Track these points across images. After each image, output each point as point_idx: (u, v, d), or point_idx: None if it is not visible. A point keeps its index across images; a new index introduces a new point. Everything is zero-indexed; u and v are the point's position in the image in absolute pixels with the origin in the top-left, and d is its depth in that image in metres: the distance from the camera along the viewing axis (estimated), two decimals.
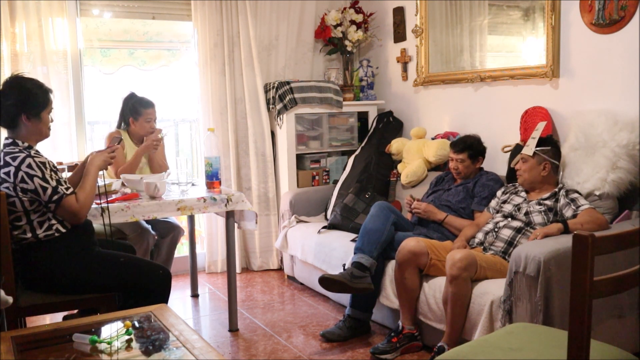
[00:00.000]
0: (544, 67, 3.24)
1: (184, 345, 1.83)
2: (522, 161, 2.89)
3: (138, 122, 3.52)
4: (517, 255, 2.40)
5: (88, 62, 4.18)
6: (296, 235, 3.85)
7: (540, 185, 2.88)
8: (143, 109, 3.52)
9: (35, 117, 2.42)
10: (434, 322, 2.81)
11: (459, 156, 3.23)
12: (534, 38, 3.36)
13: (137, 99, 3.55)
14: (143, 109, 3.52)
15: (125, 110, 3.56)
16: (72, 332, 1.91)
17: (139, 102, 3.53)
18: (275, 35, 4.42)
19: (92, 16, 4.05)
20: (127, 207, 2.80)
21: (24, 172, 2.32)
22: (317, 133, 4.38)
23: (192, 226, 3.88)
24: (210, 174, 3.24)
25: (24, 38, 3.68)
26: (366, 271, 2.92)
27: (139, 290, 2.49)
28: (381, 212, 3.11)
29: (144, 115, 3.52)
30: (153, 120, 3.56)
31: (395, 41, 4.39)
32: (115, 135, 3.42)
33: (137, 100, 3.54)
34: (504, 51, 3.74)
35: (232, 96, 4.30)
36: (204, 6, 4.16)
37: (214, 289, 4.06)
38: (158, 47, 4.59)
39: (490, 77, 3.61)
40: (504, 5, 3.64)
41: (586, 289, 1.40)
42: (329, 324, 3.28)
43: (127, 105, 3.56)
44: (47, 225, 2.41)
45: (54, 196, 2.36)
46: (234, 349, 3.06)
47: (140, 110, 3.52)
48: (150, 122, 3.54)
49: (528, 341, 1.75)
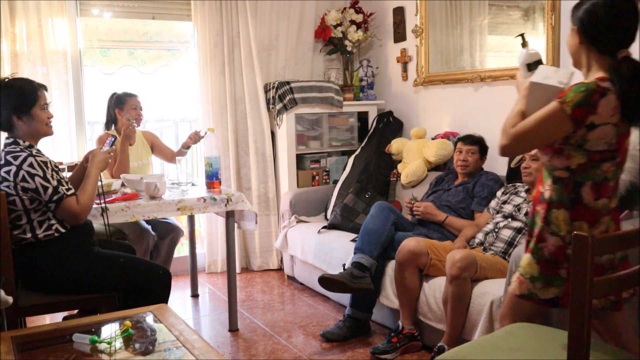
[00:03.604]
0: None
1: (184, 345, 1.83)
2: (531, 159, 2.86)
3: (124, 111, 3.55)
4: (517, 255, 2.39)
5: (88, 62, 4.18)
6: (296, 235, 3.85)
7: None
8: (127, 98, 3.59)
9: (26, 115, 2.40)
10: (434, 322, 2.81)
11: (471, 147, 3.24)
12: (534, 38, 3.35)
13: (119, 93, 3.62)
14: (127, 98, 3.59)
15: (110, 106, 3.61)
16: (72, 332, 1.91)
17: (123, 94, 3.61)
18: (275, 35, 4.42)
19: (92, 16, 4.05)
20: (127, 207, 2.80)
21: (25, 171, 2.32)
22: (317, 133, 4.38)
23: (192, 226, 3.87)
24: (210, 174, 3.24)
25: (24, 38, 3.68)
26: (366, 271, 2.92)
27: (139, 290, 2.49)
28: (381, 212, 3.11)
29: (128, 102, 3.58)
30: (138, 108, 3.60)
31: (395, 41, 4.39)
32: (107, 137, 3.43)
33: (120, 94, 3.61)
34: (504, 51, 3.74)
35: (232, 96, 4.30)
36: (204, 6, 4.16)
37: (214, 289, 4.06)
38: (158, 47, 4.59)
39: (490, 77, 3.61)
40: (504, 5, 3.64)
41: (586, 289, 1.40)
42: (329, 324, 3.28)
43: (111, 102, 3.62)
44: (46, 225, 2.41)
45: (55, 196, 2.36)
46: (234, 349, 3.06)
47: (124, 99, 3.58)
48: (137, 109, 3.59)
49: (528, 341, 1.75)
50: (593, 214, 1.79)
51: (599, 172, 1.77)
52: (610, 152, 1.75)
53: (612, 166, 1.78)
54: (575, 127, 1.72)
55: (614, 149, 1.75)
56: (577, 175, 1.78)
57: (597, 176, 1.77)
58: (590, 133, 1.72)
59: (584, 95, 1.70)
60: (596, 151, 1.74)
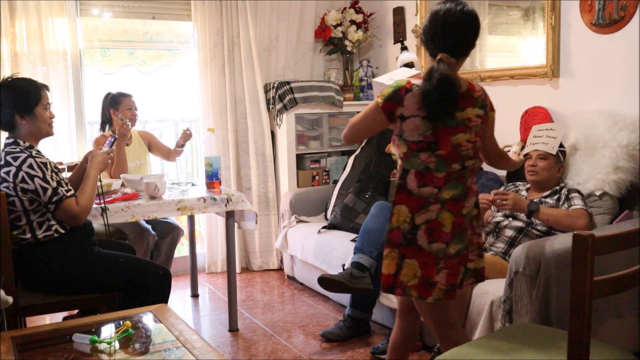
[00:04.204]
0: (544, 67, 3.24)
1: (184, 345, 1.83)
2: (539, 158, 2.86)
3: (119, 111, 3.55)
4: (517, 255, 2.39)
5: (88, 62, 4.18)
6: (296, 235, 3.85)
7: (547, 184, 2.87)
8: (122, 98, 3.58)
9: (29, 114, 2.41)
10: None
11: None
12: (534, 38, 3.36)
13: (114, 93, 3.61)
14: (122, 98, 3.58)
15: (105, 106, 3.60)
16: (72, 332, 1.91)
17: (117, 94, 3.60)
18: (275, 35, 4.42)
19: (92, 16, 4.05)
20: (127, 207, 2.80)
21: (25, 172, 2.32)
22: (317, 133, 4.38)
23: (192, 226, 3.87)
24: (210, 174, 3.24)
25: (24, 38, 3.68)
26: (366, 271, 2.92)
27: (139, 290, 2.49)
28: (381, 212, 3.11)
29: (123, 103, 3.57)
30: (133, 109, 3.59)
31: (395, 41, 4.39)
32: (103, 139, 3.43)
33: (115, 94, 3.61)
34: (504, 51, 3.74)
35: (232, 96, 4.30)
36: (204, 6, 4.16)
37: (214, 289, 4.06)
38: (158, 47, 4.59)
39: (490, 77, 3.61)
40: (504, 5, 3.64)
41: (586, 289, 1.40)
42: (329, 324, 3.28)
43: (105, 102, 3.62)
44: (46, 226, 2.41)
45: (54, 197, 2.36)
46: (234, 349, 3.06)
47: (119, 99, 3.58)
48: (132, 110, 3.58)
49: (528, 341, 1.75)
50: (417, 201, 1.96)
51: (418, 161, 1.95)
52: (427, 143, 1.92)
53: (433, 157, 1.93)
54: (388, 118, 1.96)
55: (431, 141, 1.91)
56: (405, 163, 1.99)
57: (418, 165, 1.95)
58: (403, 124, 1.93)
59: (392, 91, 1.94)
60: (412, 141, 1.94)
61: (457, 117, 1.92)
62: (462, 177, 1.97)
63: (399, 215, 1.98)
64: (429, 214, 1.94)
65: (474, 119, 1.95)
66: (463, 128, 1.93)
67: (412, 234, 1.95)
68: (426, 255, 1.95)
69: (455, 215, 1.95)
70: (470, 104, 1.95)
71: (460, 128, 1.92)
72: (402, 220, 1.97)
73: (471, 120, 1.94)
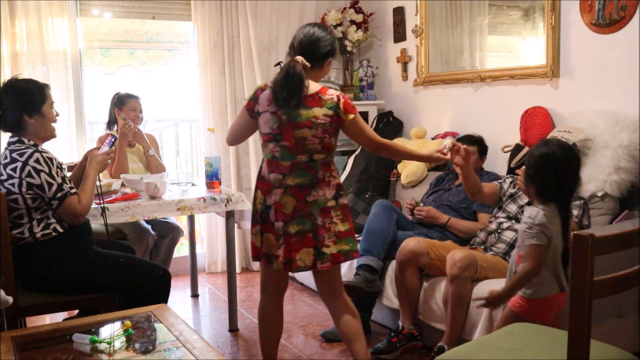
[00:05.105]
0: (544, 67, 3.24)
1: (184, 345, 1.83)
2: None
3: (122, 111, 3.55)
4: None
5: (88, 62, 4.19)
6: None
7: None
8: (127, 99, 3.59)
9: (37, 113, 2.43)
10: (434, 322, 2.81)
11: (471, 147, 3.22)
12: (534, 38, 3.36)
13: (121, 94, 3.62)
14: (127, 99, 3.59)
15: (111, 106, 3.61)
16: (72, 332, 1.91)
17: (124, 95, 3.61)
18: (275, 35, 4.42)
19: (92, 16, 4.05)
20: (127, 207, 2.80)
21: (32, 166, 2.33)
22: None
23: (192, 226, 3.87)
24: (210, 174, 3.24)
25: (24, 38, 3.68)
26: (376, 274, 2.93)
27: (139, 290, 2.49)
28: (384, 211, 3.11)
29: (127, 104, 3.58)
30: (138, 111, 3.60)
31: (395, 41, 4.39)
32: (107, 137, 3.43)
33: (122, 94, 3.61)
34: (504, 51, 3.75)
35: (232, 96, 4.30)
36: (204, 6, 4.16)
37: (214, 289, 4.06)
38: (158, 47, 4.59)
39: (490, 77, 3.61)
40: (504, 5, 3.64)
41: (586, 289, 1.40)
42: (329, 324, 3.28)
43: (112, 101, 3.62)
44: (45, 224, 2.40)
45: (59, 193, 2.36)
46: (234, 349, 3.06)
47: (124, 100, 3.58)
48: (135, 112, 3.58)
49: (528, 341, 1.75)
50: (267, 185, 2.30)
51: (267, 150, 2.29)
52: (273, 135, 2.24)
53: (278, 147, 2.24)
54: (250, 115, 2.30)
55: (277, 133, 2.23)
56: (263, 153, 2.35)
57: (267, 154, 2.30)
58: (259, 119, 2.27)
59: (253, 91, 2.32)
60: (264, 133, 2.28)
61: (303, 114, 2.20)
62: (310, 169, 2.24)
63: (256, 197, 2.33)
64: (275, 196, 2.25)
65: (321, 118, 2.20)
66: (309, 124, 2.20)
67: (266, 212, 2.29)
68: (275, 232, 2.26)
69: (299, 200, 2.23)
70: (319, 105, 2.21)
71: (305, 123, 2.20)
72: (258, 202, 2.32)
73: (318, 118, 2.20)
